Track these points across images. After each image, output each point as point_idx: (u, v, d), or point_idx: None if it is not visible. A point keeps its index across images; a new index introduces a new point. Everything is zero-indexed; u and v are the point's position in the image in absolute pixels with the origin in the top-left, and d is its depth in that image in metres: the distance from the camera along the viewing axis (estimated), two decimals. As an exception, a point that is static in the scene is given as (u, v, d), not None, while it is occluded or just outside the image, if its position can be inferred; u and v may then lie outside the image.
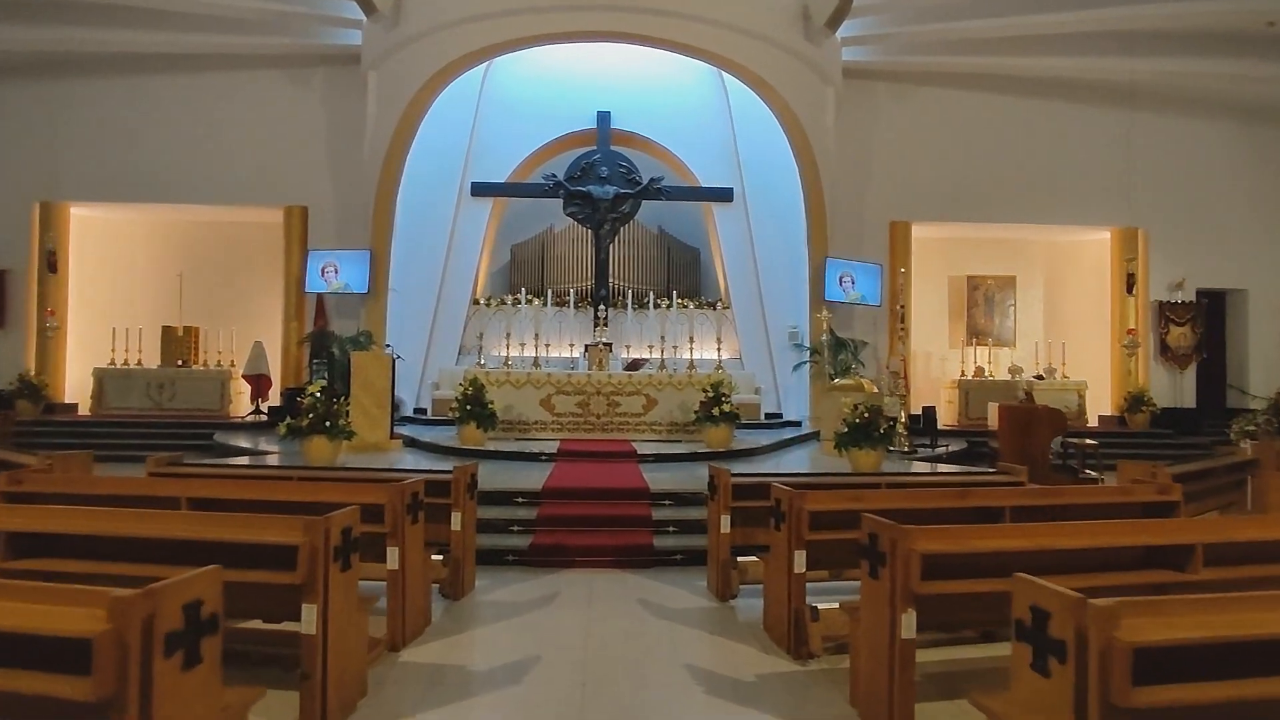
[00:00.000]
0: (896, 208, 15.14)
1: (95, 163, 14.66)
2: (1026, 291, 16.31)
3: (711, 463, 6.32)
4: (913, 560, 3.71)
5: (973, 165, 15.17)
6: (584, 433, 11.52)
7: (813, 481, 6.22)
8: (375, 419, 10.98)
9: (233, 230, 15.74)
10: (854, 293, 14.00)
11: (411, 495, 5.08)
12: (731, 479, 6.04)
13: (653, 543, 7.13)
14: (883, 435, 9.30)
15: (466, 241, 15.17)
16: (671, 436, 11.57)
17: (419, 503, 5.17)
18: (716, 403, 10.55)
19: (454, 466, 6.02)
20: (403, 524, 4.96)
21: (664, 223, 16.96)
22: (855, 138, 14.89)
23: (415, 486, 5.15)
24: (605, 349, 12.79)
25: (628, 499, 7.92)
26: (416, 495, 5.14)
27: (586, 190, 14.63)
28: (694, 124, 15.25)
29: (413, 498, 5.09)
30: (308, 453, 9.25)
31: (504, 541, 7.15)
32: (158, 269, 15.73)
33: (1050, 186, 15.21)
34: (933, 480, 6.24)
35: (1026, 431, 10.51)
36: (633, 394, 11.62)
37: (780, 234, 14.90)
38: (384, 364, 11.06)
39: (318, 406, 9.20)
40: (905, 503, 5.12)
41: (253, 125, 14.79)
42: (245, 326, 15.26)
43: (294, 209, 14.87)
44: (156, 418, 14.30)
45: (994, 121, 15.26)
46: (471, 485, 6.17)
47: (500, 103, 15.14)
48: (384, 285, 13.94)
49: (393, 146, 13.50)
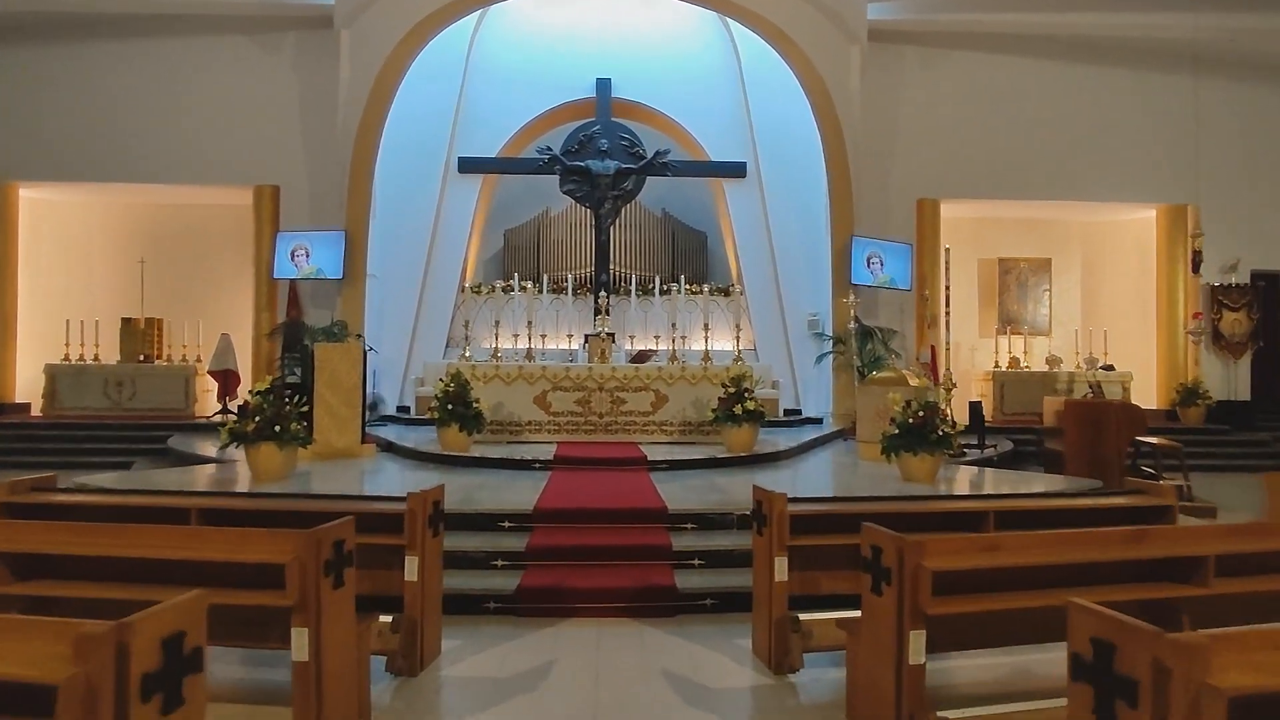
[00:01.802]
0: (924, 184, 13.35)
1: (45, 139, 12.78)
2: (1062, 275, 14.55)
3: (756, 484, 4.55)
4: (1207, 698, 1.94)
5: (1006, 137, 13.37)
6: (584, 434, 9.75)
7: (902, 512, 4.43)
8: (344, 421, 9.19)
9: (199, 213, 13.93)
10: (882, 275, 12.22)
11: (333, 547, 3.30)
12: (788, 507, 4.26)
13: (674, 583, 5.36)
14: (941, 438, 7.53)
15: (454, 223, 13.37)
16: (685, 438, 9.80)
17: (344, 556, 3.39)
18: (739, 399, 8.77)
19: (409, 494, 4.23)
20: (316, 590, 3.18)
21: (668, 204, 15.17)
22: (880, 108, 13.08)
23: (338, 532, 3.36)
24: (608, 340, 11.00)
25: (640, 521, 6.14)
26: (341, 546, 3.37)
27: (585, 165, 12.82)
28: (703, 92, 13.45)
29: (335, 550, 3.32)
30: (254, 464, 7.46)
31: (484, 582, 5.37)
32: (117, 256, 13.89)
33: (1091, 160, 13.42)
34: (1054, 506, 4.51)
35: (1097, 431, 8.76)
36: (640, 390, 9.84)
37: (798, 213, 13.12)
38: (353, 357, 9.26)
39: (264, 408, 7.40)
40: (1059, 553, 3.35)
41: (218, 96, 12.92)
42: (213, 318, 13.46)
43: (264, 189, 13.03)
44: (114, 419, 12.49)
45: (1029, 89, 13.45)
46: (435, 517, 4.39)
47: (489, 71, 13.33)
48: (361, 270, 12.13)
49: (368, 113, 11.68)
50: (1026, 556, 3.21)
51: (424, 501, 4.24)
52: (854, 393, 12.09)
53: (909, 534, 3.74)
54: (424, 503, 4.24)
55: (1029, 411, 12.72)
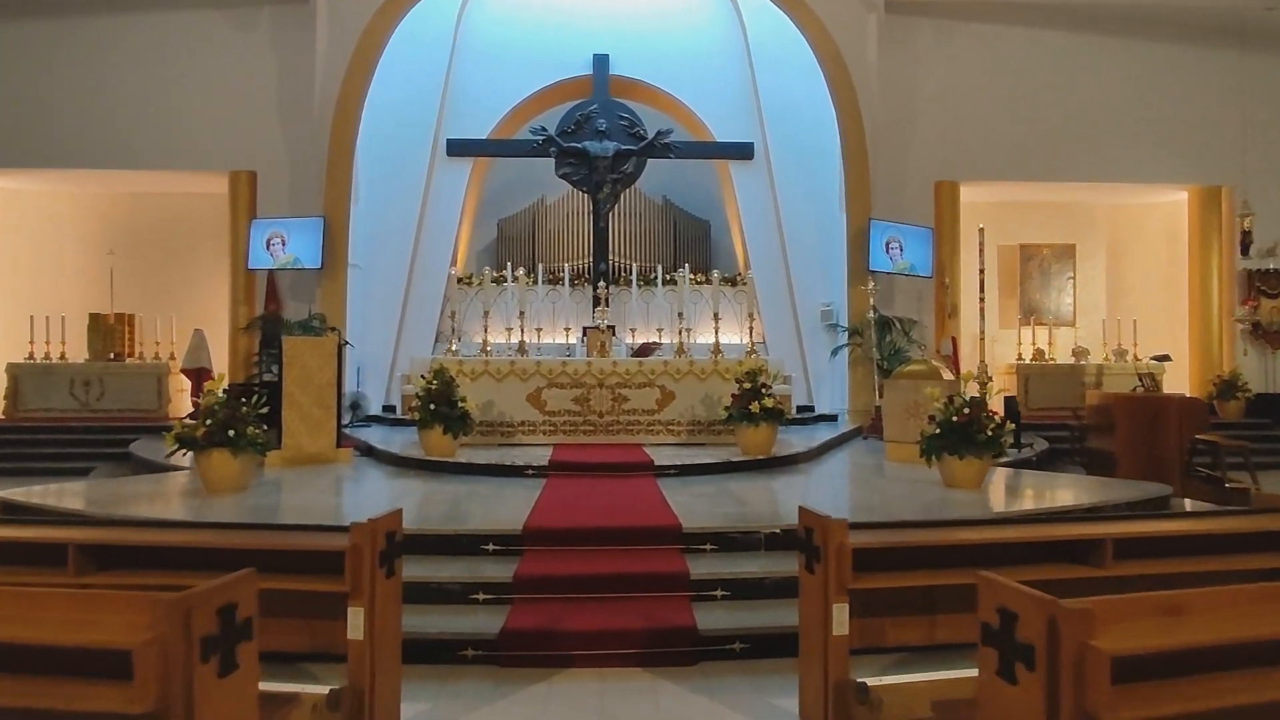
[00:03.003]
0: (942, 166, 12.25)
1: (3, 124, 11.67)
2: (1087, 262, 13.48)
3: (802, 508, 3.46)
4: None
5: (1028, 116, 12.27)
6: (583, 436, 8.66)
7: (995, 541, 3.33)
8: (316, 422, 8.10)
9: (172, 202, 12.82)
10: (902, 261, 11.13)
11: (217, 617, 2.22)
12: (849, 539, 3.17)
13: (694, 622, 4.28)
14: (990, 439, 6.46)
15: (443, 210, 12.26)
16: (694, 439, 8.72)
17: (237, 629, 2.30)
18: (755, 396, 7.69)
19: (353, 525, 3.14)
20: (187, 683, 2.10)
21: (669, 192, 14.09)
22: (895, 86, 11.96)
23: (228, 594, 2.28)
24: (607, 332, 9.92)
25: (649, 541, 5.06)
26: (231, 614, 2.28)
27: (582, 147, 11.72)
28: (707, 69, 12.35)
29: (221, 621, 2.23)
30: (205, 474, 6.38)
31: (461, 622, 4.30)
32: (86, 248, 12.79)
33: (1119, 139, 12.32)
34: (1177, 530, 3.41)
35: (1153, 429, 7.70)
36: (644, 386, 8.76)
37: (810, 196, 12.04)
38: (326, 352, 8.17)
39: (217, 410, 6.31)
40: (1255, 624, 2.26)
41: (190, 76, 11.77)
42: (189, 313, 12.34)
43: (240, 175, 11.90)
44: (81, 421, 11.41)
45: (1052, 63, 12.34)
46: (390, 552, 3.31)
47: (479, 47, 12.22)
48: (341, 259, 11.04)
49: (346, 86, 10.59)
50: (1228, 624, 2.14)
51: (372, 535, 3.16)
52: (872, 388, 11.06)
53: (1003, 569, 2.70)
54: (372, 536, 3.16)
55: (1057, 406, 11.67)
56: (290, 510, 5.87)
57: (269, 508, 5.88)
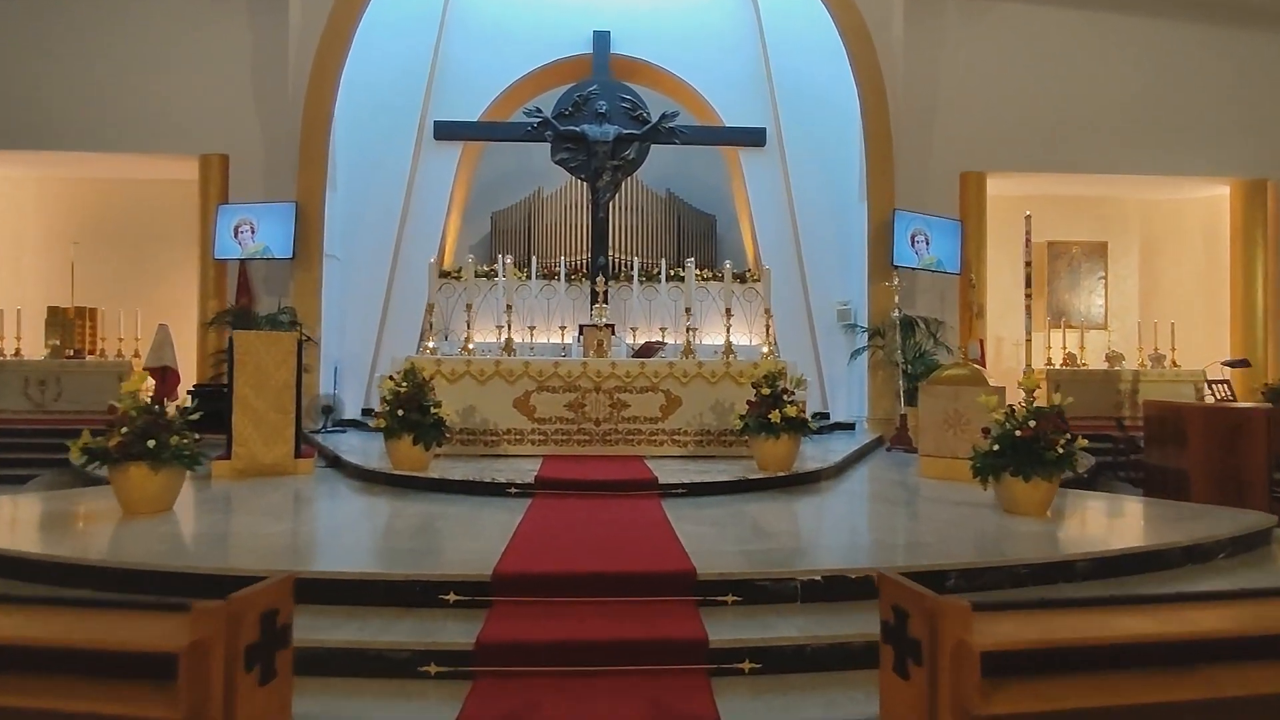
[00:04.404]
0: (967, 156, 11.03)
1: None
2: (1118, 261, 12.29)
3: (883, 576, 2.27)
4: None
5: (1059, 103, 11.06)
6: (576, 446, 7.46)
7: (1194, 638, 2.13)
8: (273, 429, 6.91)
9: (140, 189, 11.62)
10: (928, 256, 9.94)
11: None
12: (975, 637, 1.97)
13: (716, 711, 3.08)
14: (1062, 457, 5.27)
15: (429, 198, 11.07)
16: (702, 450, 7.51)
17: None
18: (776, 403, 6.48)
19: (196, 611, 1.93)
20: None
21: (673, 184, 12.93)
22: (918, 68, 10.75)
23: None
24: (606, 331, 8.71)
25: (655, 591, 3.85)
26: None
27: (580, 130, 10.54)
28: (716, 49, 11.19)
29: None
30: (120, 493, 5.18)
31: (400, 711, 3.10)
32: (46, 237, 11.61)
33: (1156, 128, 11.10)
34: None
35: (1232, 444, 6.50)
36: (646, 390, 7.55)
37: (826, 187, 10.87)
38: (284, 348, 6.97)
39: (135, 417, 5.12)
40: None
41: (160, 51, 10.54)
42: (156, 307, 11.09)
43: (212, 158, 10.67)
44: (34, 423, 10.18)
45: (1085, 46, 11.12)
46: (265, 645, 2.09)
47: (469, 23, 11.06)
48: (316, 248, 9.85)
49: (320, 60, 9.40)
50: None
51: (231, 624, 1.94)
52: (894, 394, 9.88)
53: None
54: (231, 626, 1.94)
55: (1090, 416, 10.47)
56: (210, 542, 4.66)
57: (186, 537, 4.67)
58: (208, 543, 4.52)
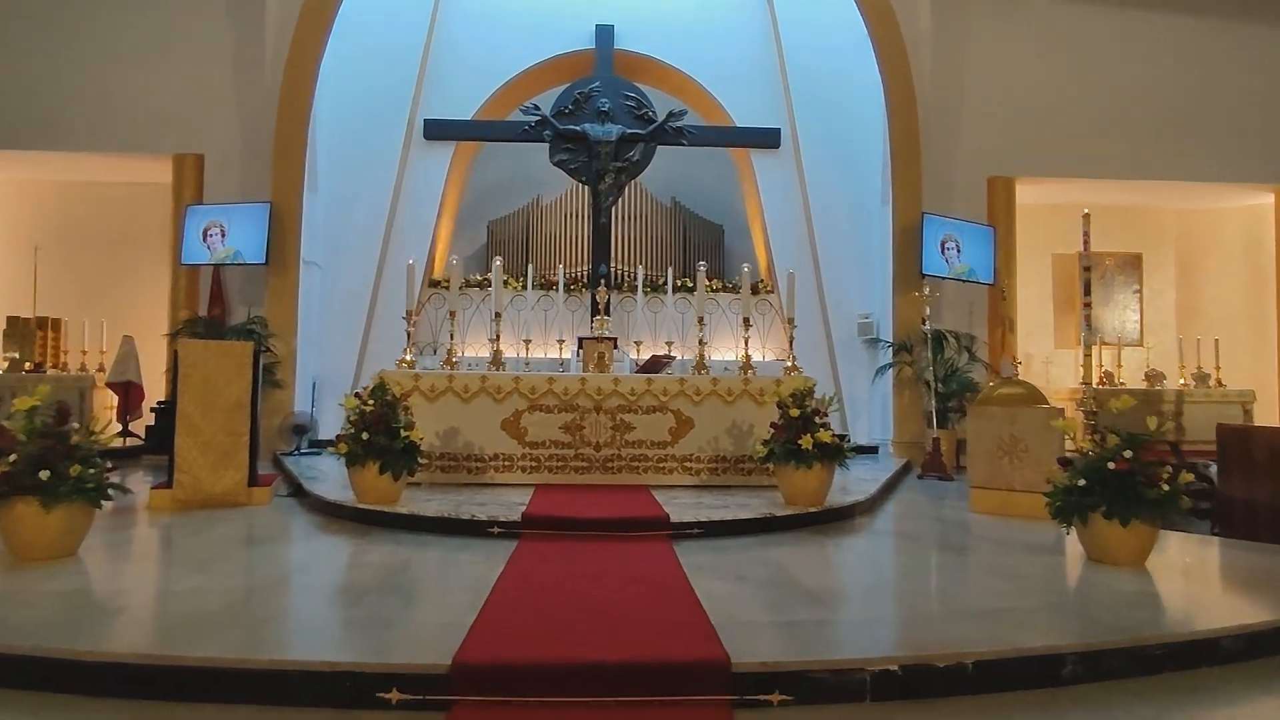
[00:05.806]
0: (995, 160, 10.05)
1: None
2: (1154, 274, 11.28)
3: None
4: None
5: (1091, 103, 10.09)
6: (574, 474, 6.38)
7: None
8: (223, 453, 5.83)
9: (109, 191, 10.66)
10: (959, 264, 8.90)
11: None
12: None
13: None
14: (1167, 495, 4.19)
15: (419, 202, 10.07)
16: (717, 479, 6.43)
17: None
18: (806, 427, 5.42)
19: None
20: None
21: (679, 192, 11.95)
22: (945, 66, 9.79)
23: None
24: (608, 344, 7.64)
25: (676, 688, 2.75)
26: None
27: (581, 130, 9.57)
28: (727, 45, 10.25)
29: None
30: (7, 536, 4.09)
31: None
32: (8, 241, 10.61)
33: (1196, 133, 10.13)
34: None
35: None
36: (653, 410, 6.48)
37: (845, 191, 9.89)
38: (238, 360, 5.90)
39: (26, 441, 4.04)
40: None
41: (132, 44, 9.58)
42: (124, 317, 10.14)
43: (186, 158, 9.68)
44: (-15, 442, 9.07)
45: (1121, 45, 10.17)
46: None
47: (463, 16, 10.11)
48: (293, 254, 8.82)
49: (296, 49, 8.40)
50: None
51: None
52: (922, 415, 8.81)
53: None
54: None
55: (1132, 439, 9.40)
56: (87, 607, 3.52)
57: (66, 595, 3.55)
58: (83, 608, 3.41)
